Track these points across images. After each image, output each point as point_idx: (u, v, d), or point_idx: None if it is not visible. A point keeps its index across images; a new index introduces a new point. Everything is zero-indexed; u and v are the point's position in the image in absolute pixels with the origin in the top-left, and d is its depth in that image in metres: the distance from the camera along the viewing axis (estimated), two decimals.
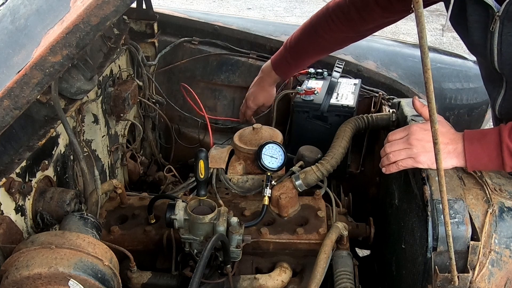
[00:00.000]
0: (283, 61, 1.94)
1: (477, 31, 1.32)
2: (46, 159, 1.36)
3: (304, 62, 1.95)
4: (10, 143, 1.22)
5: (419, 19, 0.77)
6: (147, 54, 2.22)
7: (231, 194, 1.67)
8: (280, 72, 1.96)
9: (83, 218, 1.27)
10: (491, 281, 1.22)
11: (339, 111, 1.93)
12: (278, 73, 1.96)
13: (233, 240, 1.34)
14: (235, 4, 7.64)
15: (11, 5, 1.21)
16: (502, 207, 1.26)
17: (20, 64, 0.96)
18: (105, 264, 1.10)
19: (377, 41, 2.40)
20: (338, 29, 1.78)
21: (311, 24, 1.85)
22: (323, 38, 1.82)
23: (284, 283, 1.40)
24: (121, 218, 1.60)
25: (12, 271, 1.03)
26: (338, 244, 1.47)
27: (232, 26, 2.29)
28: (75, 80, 1.35)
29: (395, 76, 2.15)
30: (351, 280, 1.37)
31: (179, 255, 1.45)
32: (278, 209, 1.55)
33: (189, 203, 1.37)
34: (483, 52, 1.34)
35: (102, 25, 0.92)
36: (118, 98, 1.80)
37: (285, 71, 1.97)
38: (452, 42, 6.25)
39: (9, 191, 1.18)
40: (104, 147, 1.84)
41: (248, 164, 1.73)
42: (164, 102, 2.23)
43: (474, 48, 1.40)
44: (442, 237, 1.20)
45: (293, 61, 1.92)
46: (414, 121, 1.53)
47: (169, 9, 2.38)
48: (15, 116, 0.99)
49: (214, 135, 2.22)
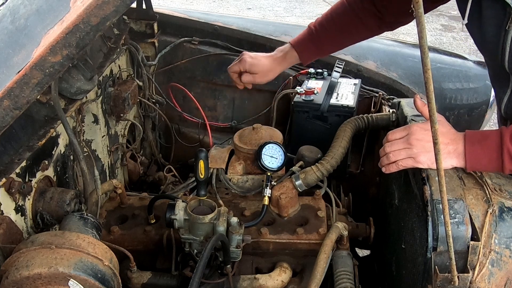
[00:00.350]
0: (307, 41, 1.78)
1: (490, 28, 1.30)
2: (46, 159, 1.36)
3: (333, 43, 1.81)
4: (10, 143, 1.22)
5: (419, 19, 0.77)
6: (147, 54, 2.22)
7: (231, 194, 1.67)
8: (302, 53, 1.80)
9: (83, 218, 1.27)
10: (491, 281, 1.22)
11: (339, 111, 1.93)
12: (299, 53, 1.79)
13: (233, 240, 1.34)
14: (235, 4, 7.64)
15: (11, 5, 1.21)
16: (502, 207, 1.26)
17: (20, 64, 0.96)
18: (105, 264, 1.10)
19: (377, 41, 2.39)
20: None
21: (345, 3, 1.74)
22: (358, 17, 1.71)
23: (284, 283, 1.40)
24: (121, 218, 1.60)
25: (12, 271, 1.03)
26: (338, 244, 1.47)
27: (232, 26, 2.29)
28: (75, 80, 1.35)
29: (395, 76, 2.15)
30: (351, 280, 1.37)
31: (179, 255, 1.45)
32: (278, 209, 1.55)
33: (189, 203, 1.37)
34: (495, 50, 1.33)
35: (102, 25, 0.92)
36: (118, 98, 1.80)
37: (308, 52, 1.80)
38: (452, 42, 6.25)
39: (9, 191, 1.18)
40: (104, 147, 1.84)
41: (248, 164, 1.73)
42: (164, 102, 2.23)
43: (485, 45, 1.38)
44: (442, 237, 1.20)
45: (319, 42, 1.77)
46: (414, 121, 1.53)
47: (169, 9, 2.38)
48: (15, 116, 0.99)
49: (214, 135, 2.22)
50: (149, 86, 2.17)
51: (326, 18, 1.78)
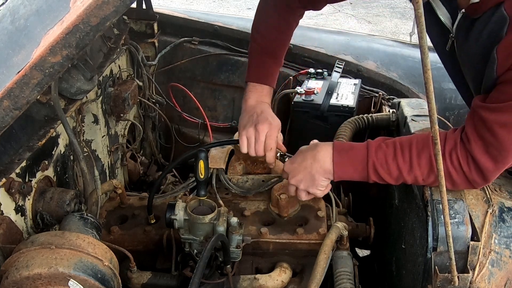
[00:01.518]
0: (264, 68, 1.62)
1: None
2: (46, 159, 1.36)
3: (281, 58, 1.67)
4: (10, 143, 1.22)
5: (419, 19, 0.77)
6: (147, 54, 2.22)
7: (231, 194, 1.67)
8: (269, 81, 1.63)
9: (83, 218, 1.27)
10: (491, 281, 1.22)
11: (339, 111, 1.93)
12: (267, 82, 1.62)
13: (233, 240, 1.34)
14: (235, 4, 7.63)
15: (11, 5, 1.21)
16: (502, 207, 1.26)
17: (20, 65, 0.96)
18: (105, 264, 1.10)
19: (377, 41, 2.40)
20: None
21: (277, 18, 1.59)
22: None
23: (284, 283, 1.40)
24: (121, 218, 1.60)
25: (12, 271, 1.03)
26: (338, 244, 1.47)
27: (232, 26, 2.29)
28: (75, 80, 1.35)
29: (395, 76, 2.15)
30: (351, 280, 1.37)
31: (179, 255, 1.45)
32: (278, 209, 1.55)
33: (189, 203, 1.37)
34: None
35: (102, 26, 0.92)
36: (118, 98, 1.80)
37: (272, 77, 1.65)
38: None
39: (9, 191, 1.18)
40: (104, 147, 1.84)
41: (248, 164, 1.73)
42: (164, 102, 2.23)
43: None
44: (442, 237, 1.20)
45: (273, 62, 1.64)
46: (414, 121, 1.54)
47: (169, 9, 2.39)
48: (15, 117, 0.99)
49: (214, 135, 2.22)
50: (149, 86, 2.17)
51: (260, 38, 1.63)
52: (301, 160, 1.39)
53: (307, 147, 1.42)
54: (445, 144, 1.21)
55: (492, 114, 1.13)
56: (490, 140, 1.15)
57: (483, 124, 1.15)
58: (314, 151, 1.37)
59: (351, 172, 1.32)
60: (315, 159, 1.35)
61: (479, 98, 1.19)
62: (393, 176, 1.28)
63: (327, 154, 1.33)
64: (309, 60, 2.24)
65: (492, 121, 1.13)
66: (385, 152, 1.27)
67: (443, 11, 1.30)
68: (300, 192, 1.42)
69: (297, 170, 1.39)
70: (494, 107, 1.13)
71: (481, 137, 1.16)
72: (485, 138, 1.15)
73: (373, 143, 1.30)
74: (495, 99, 1.13)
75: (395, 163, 1.26)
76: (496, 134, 1.13)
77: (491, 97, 1.15)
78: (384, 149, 1.28)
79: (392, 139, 1.30)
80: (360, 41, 2.36)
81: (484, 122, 1.14)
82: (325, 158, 1.34)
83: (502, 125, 1.12)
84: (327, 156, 1.33)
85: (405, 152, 1.25)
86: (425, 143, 1.24)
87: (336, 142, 1.38)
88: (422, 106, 1.64)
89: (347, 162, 1.32)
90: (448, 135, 1.23)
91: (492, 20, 1.15)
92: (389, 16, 7.00)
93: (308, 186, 1.39)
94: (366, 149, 1.30)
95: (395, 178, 1.28)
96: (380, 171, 1.27)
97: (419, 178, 1.25)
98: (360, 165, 1.30)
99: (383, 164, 1.27)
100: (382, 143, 1.29)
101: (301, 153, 1.41)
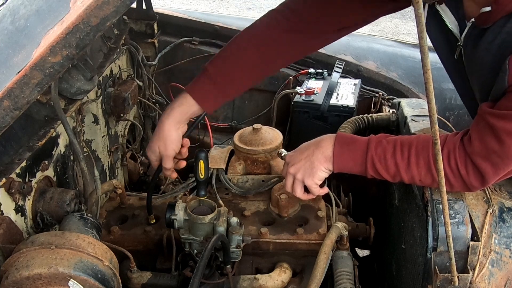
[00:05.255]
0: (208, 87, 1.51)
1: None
2: (46, 159, 1.36)
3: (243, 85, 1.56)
4: (10, 143, 1.22)
5: (419, 19, 0.77)
6: (147, 54, 2.22)
7: (231, 194, 1.67)
8: (205, 103, 1.46)
9: (83, 218, 1.27)
10: (491, 281, 1.22)
11: (339, 111, 1.93)
12: (201, 103, 1.45)
13: (233, 240, 1.34)
14: (235, 4, 7.63)
15: (11, 5, 1.21)
16: (502, 207, 1.26)
17: (20, 65, 0.96)
18: (105, 264, 1.10)
19: (377, 41, 2.40)
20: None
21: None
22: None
23: (284, 283, 1.40)
24: (121, 218, 1.60)
25: (12, 271, 1.03)
26: (338, 244, 1.47)
27: (232, 26, 2.29)
28: (75, 80, 1.35)
29: (395, 76, 2.15)
30: (351, 280, 1.36)
31: (179, 255, 1.45)
32: (278, 209, 1.55)
33: (189, 203, 1.37)
34: None
35: (102, 26, 0.92)
36: (118, 98, 1.80)
37: (212, 101, 1.47)
38: None
39: (9, 191, 1.18)
40: (104, 147, 1.84)
41: (248, 164, 1.73)
42: (164, 102, 2.23)
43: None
44: (442, 238, 1.20)
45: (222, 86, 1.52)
46: (414, 121, 1.54)
47: (169, 9, 2.39)
48: (15, 117, 0.99)
49: (214, 135, 2.22)
50: (149, 86, 2.17)
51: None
52: (304, 149, 1.41)
53: (310, 141, 1.43)
54: (444, 146, 1.21)
55: (500, 121, 1.12)
56: (495, 146, 1.14)
57: (489, 130, 1.14)
58: (318, 140, 1.39)
59: (350, 164, 1.33)
60: (318, 146, 1.37)
61: (487, 104, 1.18)
62: (390, 173, 1.28)
63: (330, 143, 1.35)
64: (309, 60, 2.24)
65: (500, 128, 1.12)
66: (384, 148, 1.28)
67: (451, 19, 1.29)
68: (296, 184, 1.41)
69: (297, 158, 1.40)
70: (503, 114, 1.12)
71: (485, 142, 1.15)
72: (489, 144, 1.15)
73: (375, 138, 1.32)
74: (504, 107, 1.13)
75: (393, 160, 1.26)
76: (502, 141, 1.13)
77: (500, 104, 1.14)
78: (385, 145, 1.28)
79: (394, 137, 1.31)
80: (360, 41, 2.36)
81: (491, 128, 1.14)
82: (327, 146, 1.35)
83: (509, 133, 1.12)
84: (329, 144, 1.35)
85: (405, 150, 1.25)
86: (425, 144, 1.24)
87: (339, 133, 1.39)
88: (422, 106, 1.64)
89: (347, 153, 1.33)
90: (449, 138, 1.23)
91: (504, 30, 1.14)
92: (389, 16, 6.99)
93: (305, 175, 1.38)
94: (367, 143, 1.31)
95: (392, 175, 1.28)
96: (377, 166, 1.28)
97: (416, 178, 1.25)
98: (359, 158, 1.31)
99: (381, 159, 1.28)
100: (384, 139, 1.30)
101: (305, 144, 1.43)
